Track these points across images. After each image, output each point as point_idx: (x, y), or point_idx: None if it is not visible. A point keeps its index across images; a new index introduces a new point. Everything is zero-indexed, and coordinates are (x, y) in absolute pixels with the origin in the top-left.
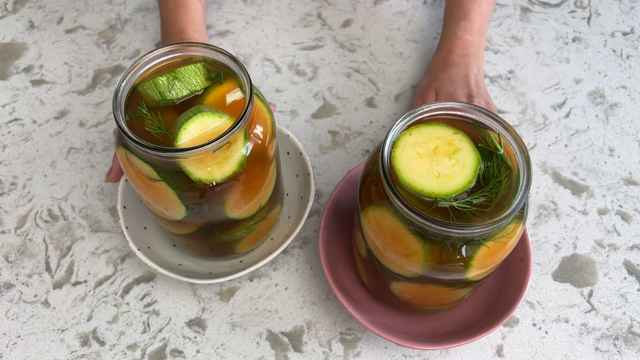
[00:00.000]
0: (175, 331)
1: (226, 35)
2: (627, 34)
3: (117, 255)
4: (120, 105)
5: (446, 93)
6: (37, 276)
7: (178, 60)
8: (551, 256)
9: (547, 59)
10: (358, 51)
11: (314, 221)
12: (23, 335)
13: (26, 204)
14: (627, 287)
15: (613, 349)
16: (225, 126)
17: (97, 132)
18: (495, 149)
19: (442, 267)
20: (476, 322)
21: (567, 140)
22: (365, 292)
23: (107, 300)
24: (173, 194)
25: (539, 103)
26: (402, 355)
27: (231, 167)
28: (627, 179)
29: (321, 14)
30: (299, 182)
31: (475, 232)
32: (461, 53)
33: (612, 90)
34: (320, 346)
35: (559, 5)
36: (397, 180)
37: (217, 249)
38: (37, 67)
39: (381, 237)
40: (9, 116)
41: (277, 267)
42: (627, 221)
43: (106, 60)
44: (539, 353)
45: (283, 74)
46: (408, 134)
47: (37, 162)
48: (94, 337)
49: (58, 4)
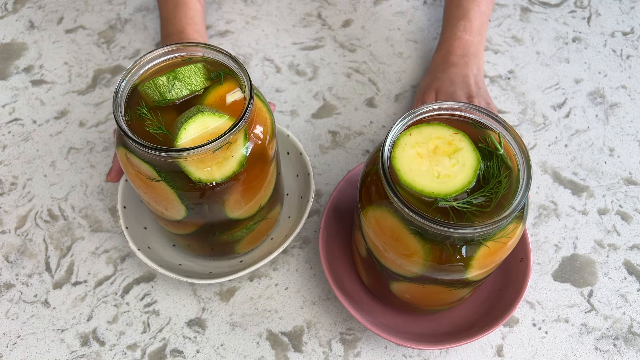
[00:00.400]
0: (175, 331)
1: (226, 35)
2: (627, 34)
3: (117, 255)
4: (120, 105)
5: (446, 93)
6: (37, 276)
7: (178, 60)
8: (551, 256)
9: (547, 59)
10: (358, 51)
11: (314, 221)
12: (23, 335)
13: (26, 204)
14: (627, 287)
15: (613, 349)
16: (225, 126)
17: (97, 132)
18: (495, 149)
19: (442, 267)
20: (476, 322)
21: (567, 140)
22: (365, 292)
23: (107, 300)
24: (173, 194)
25: (539, 103)
26: (402, 355)
27: (231, 167)
28: (627, 179)
29: (321, 14)
30: (299, 182)
31: (475, 232)
32: (461, 53)
33: (612, 90)
34: (320, 346)
35: (559, 5)
36: (397, 180)
37: (217, 249)
38: (37, 67)
39: (381, 237)
40: (9, 116)
41: (277, 267)
42: (627, 221)
43: (106, 60)
44: (539, 353)
45: (283, 74)
46: (408, 134)
47: (37, 162)
48: (94, 337)
49: (58, 4)
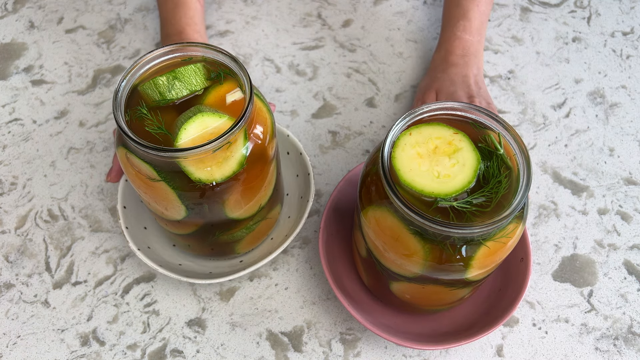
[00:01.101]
0: (175, 331)
1: (226, 35)
2: (627, 34)
3: (117, 255)
4: (120, 105)
5: (447, 93)
6: (37, 276)
7: (178, 60)
8: (551, 256)
9: (547, 59)
10: (358, 51)
11: (314, 221)
12: (23, 335)
13: (26, 204)
14: (627, 287)
15: (613, 349)
16: (225, 126)
17: (97, 132)
18: (495, 149)
19: (442, 267)
20: (476, 322)
21: (567, 140)
22: (365, 292)
23: (107, 300)
24: (173, 194)
25: (539, 103)
26: (402, 355)
27: (231, 167)
28: (627, 179)
29: (321, 14)
30: (299, 182)
31: (475, 232)
32: (461, 53)
33: (612, 90)
34: (320, 346)
35: (559, 5)
36: (397, 180)
37: (217, 249)
38: (37, 67)
39: (381, 237)
40: (9, 116)
41: (277, 267)
42: (627, 221)
43: (106, 60)
44: (539, 353)
45: (283, 74)
46: (408, 134)
47: (37, 162)
48: (94, 337)
49: (58, 4)
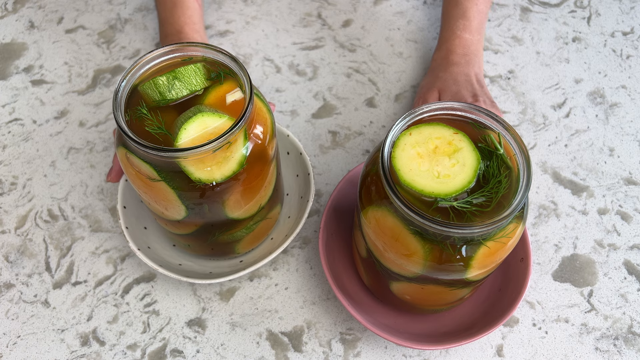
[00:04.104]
0: (175, 331)
1: (226, 35)
2: (627, 34)
3: (117, 255)
4: (120, 105)
5: (450, 93)
6: (37, 276)
7: (178, 60)
8: (551, 256)
9: (547, 59)
10: (358, 51)
11: (314, 221)
12: (23, 335)
13: (26, 204)
14: (627, 287)
15: (613, 349)
16: (225, 126)
17: (97, 132)
18: (495, 149)
19: (442, 267)
20: (476, 322)
21: (567, 140)
22: (365, 292)
23: (107, 300)
24: (173, 194)
25: (539, 103)
26: (402, 355)
27: (231, 167)
28: (627, 179)
29: (321, 14)
30: (299, 182)
31: (475, 232)
32: (461, 52)
33: (612, 90)
34: (320, 346)
35: (559, 5)
36: (397, 180)
37: (217, 249)
38: (37, 67)
39: (381, 237)
40: (9, 116)
41: (277, 267)
42: (627, 221)
43: (106, 60)
44: (539, 353)
45: (283, 74)
46: (408, 134)
47: (37, 162)
48: (94, 337)
49: (58, 4)
